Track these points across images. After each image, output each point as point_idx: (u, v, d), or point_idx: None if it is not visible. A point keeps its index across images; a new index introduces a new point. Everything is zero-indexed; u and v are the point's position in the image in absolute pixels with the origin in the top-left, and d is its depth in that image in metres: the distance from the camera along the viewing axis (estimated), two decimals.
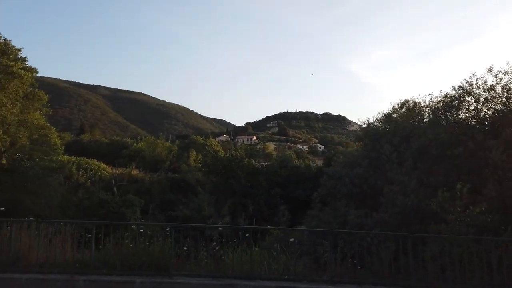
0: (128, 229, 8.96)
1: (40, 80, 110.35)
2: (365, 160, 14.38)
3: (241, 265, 7.98)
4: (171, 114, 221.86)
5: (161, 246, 8.09)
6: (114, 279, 7.59)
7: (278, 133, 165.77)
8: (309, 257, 9.30)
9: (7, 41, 22.03)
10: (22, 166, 20.71)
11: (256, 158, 35.63)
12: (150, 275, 7.76)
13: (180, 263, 8.20)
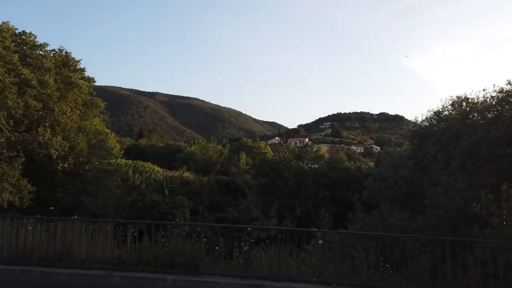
0: (168, 229, 9.28)
1: (104, 89, 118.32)
2: (410, 161, 13.72)
3: (269, 266, 7.98)
4: (224, 118, 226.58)
5: (192, 246, 8.31)
6: (147, 276, 7.94)
7: (331, 135, 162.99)
8: (348, 261, 9.05)
9: (67, 54, 23.89)
10: (81, 169, 22.23)
11: (304, 160, 35.28)
12: (181, 273, 8.01)
13: (211, 262, 8.37)
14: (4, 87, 16.59)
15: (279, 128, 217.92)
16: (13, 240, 8.49)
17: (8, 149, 17.66)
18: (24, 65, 19.52)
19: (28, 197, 18.33)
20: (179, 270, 8.05)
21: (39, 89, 18.76)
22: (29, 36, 21.24)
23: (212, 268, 8.25)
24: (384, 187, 14.48)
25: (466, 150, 11.38)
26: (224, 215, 30.20)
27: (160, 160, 55.29)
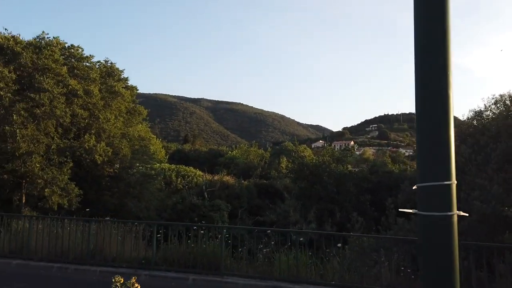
0: (193, 230, 9.55)
1: (153, 97, 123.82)
2: None
3: (288, 268, 8.05)
4: (268, 122, 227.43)
5: (214, 247, 8.55)
6: (170, 275, 8.29)
7: (378, 137, 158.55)
8: (370, 265, 8.90)
9: (112, 65, 25.30)
10: (125, 173, 23.40)
11: (344, 164, 34.67)
12: (203, 273, 8.28)
13: (232, 263, 8.57)
14: (53, 98, 17.91)
15: (323, 131, 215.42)
16: (52, 240, 9.19)
17: (57, 155, 19.01)
18: (72, 76, 20.96)
19: (76, 200, 19.56)
20: (201, 270, 8.32)
21: (85, 99, 20.03)
22: (77, 49, 22.73)
23: (233, 269, 8.44)
24: None
25: (505, 151, 10.75)
26: (263, 219, 30.42)
27: (203, 164, 56.67)
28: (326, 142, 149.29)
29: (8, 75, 17.66)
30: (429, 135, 1.71)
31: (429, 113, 1.72)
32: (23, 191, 19.00)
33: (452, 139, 1.62)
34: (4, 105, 16.85)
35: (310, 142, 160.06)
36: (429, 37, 1.66)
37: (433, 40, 1.66)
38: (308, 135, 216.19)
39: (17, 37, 20.08)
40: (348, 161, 34.35)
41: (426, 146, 1.70)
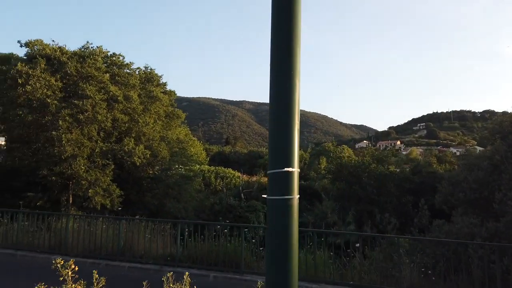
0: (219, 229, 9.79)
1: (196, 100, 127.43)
2: (485, 162, 12.46)
3: (306, 268, 8.06)
4: (310, 123, 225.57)
5: (235, 246, 8.73)
6: (193, 272, 8.55)
7: (426, 136, 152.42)
8: (391, 266, 8.70)
9: (152, 71, 26.35)
10: (164, 175, 24.26)
11: (385, 164, 33.70)
12: (223, 270, 8.49)
13: (253, 262, 8.71)
14: (95, 104, 19.00)
15: (367, 131, 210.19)
16: (87, 237, 9.80)
17: (100, 157, 20.11)
18: (113, 83, 22.10)
19: (118, 200, 20.56)
20: (222, 267, 8.53)
21: (125, 104, 21.03)
22: (118, 57, 23.91)
23: (253, 267, 8.57)
24: (457, 191, 13.36)
25: None
26: (300, 220, 30.27)
27: (243, 166, 57.42)
28: (371, 142, 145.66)
29: (55, 83, 18.99)
30: (276, 128, 1.82)
31: (278, 109, 1.82)
32: (70, 192, 20.29)
33: (297, 133, 1.80)
34: (51, 111, 18.11)
35: (354, 142, 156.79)
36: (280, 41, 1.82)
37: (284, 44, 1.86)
38: (352, 135, 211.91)
39: (63, 47, 21.50)
40: (389, 161, 33.33)
41: (274, 138, 1.81)
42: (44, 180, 19.30)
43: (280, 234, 1.73)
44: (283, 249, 1.74)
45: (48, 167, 19.08)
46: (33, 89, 17.75)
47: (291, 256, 1.76)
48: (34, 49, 21.02)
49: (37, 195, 19.69)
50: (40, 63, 18.96)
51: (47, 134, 18.22)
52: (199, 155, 52.41)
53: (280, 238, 1.73)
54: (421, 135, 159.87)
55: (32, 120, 18.12)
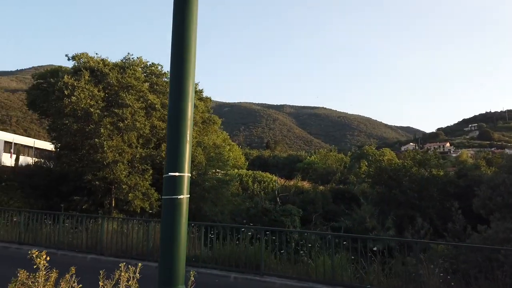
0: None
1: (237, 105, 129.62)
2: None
3: (324, 271, 8.11)
4: (353, 126, 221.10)
5: (256, 248, 8.95)
6: (215, 272, 8.90)
7: (478, 138, 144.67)
8: (409, 270, 8.53)
9: None
10: (200, 179, 24.96)
11: (428, 167, 32.48)
12: (244, 272, 8.74)
13: (272, 264, 8.88)
14: (134, 112, 20.02)
15: (414, 133, 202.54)
16: (119, 238, 10.43)
17: (140, 163, 21.11)
18: (152, 91, 23.16)
19: (157, 203, 21.45)
20: (242, 269, 8.78)
21: (162, 111, 21.95)
22: (156, 66, 25.01)
23: (272, 269, 8.75)
24: (495, 195, 12.75)
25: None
26: (338, 225, 29.88)
27: (282, 170, 57.40)
28: (418, 144, 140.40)
29: (97, 93, 20.24)
30: (171, 139, 2.02)
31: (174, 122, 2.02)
32: (112, 195, 21.45)
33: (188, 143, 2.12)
34: (94, 120, 19.32)
35: (399, 145, 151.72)
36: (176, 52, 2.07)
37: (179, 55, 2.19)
38: (398, 137, 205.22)
39: (105, 59, 22.86)
40: (431, 164, 32.04)
41: (169, 146, 2.03)
42: (89, 185, 20.56)
43: (172, 227, 1.99)
44: (174, 239, 2.00)
45: (92, 173, 20.31)
46: (78, 99, 19.03)
47: (180, 245, 2.09)
48: (80, 62, 22.55)
49: (82, 199, 21.01)
50: (84, 75, 20.30)
51: (90, 141, 19.45)
52: (238, 159, 53.25)
53: (171, 230, 1.99)
54: (472, 137, 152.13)
55: (77, 129, 19.42)
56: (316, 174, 50.64)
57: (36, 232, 11.36)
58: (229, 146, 51.85)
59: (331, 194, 34.83)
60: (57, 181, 22.81)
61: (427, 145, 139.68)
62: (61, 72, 21.23)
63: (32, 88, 23.99)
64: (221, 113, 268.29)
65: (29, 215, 11.90)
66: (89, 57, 22.92)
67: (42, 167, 24.14)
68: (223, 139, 48.46)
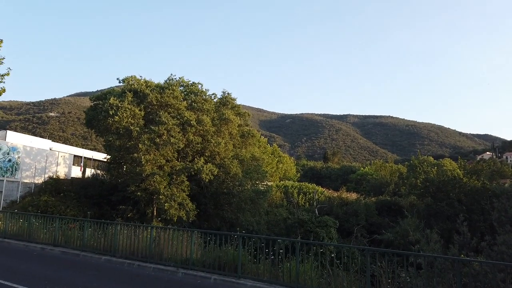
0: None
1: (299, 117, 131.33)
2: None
3: (297, 275, 8.68)
4: (422, 134, 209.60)
5: (234, 253, 9.77)
6: (199, 274, 9.87)
7: None
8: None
9: (227, 95, 28.84)
10: (236, 191, 26.09)
11: (481, 177, 30.52)
12: (223, 274, 9.60)
13: (251, 268, 9.61)
14: (169, 128, 21.85)
15: (493, 141, 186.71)
16: (129, 241, 11.83)
17: (177, 175, 22.84)
18: (190, 109, 24.97)
19: (193, 213, 22.92)
20: (223, 271, 9.64)
21: (197, 127, 23.58)
22: (196, 86, 26.89)
23: (251, 272, 9.48)
24: (508, 207, 12.20)
25: None
26: (381, 237, 29.17)
27: (335, 181, 56.84)
28: (495, 153, 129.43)
29: (138, 113, 22.45)
30: None
31: None
32: (154, 205, 23.39)
33: None
34: (134, 136, 21.45)
35: (474, 154, 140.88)
36: None
37: None
38: (474, 146, 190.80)
39: (148, 81, 25.18)
40: (485, 175, 30.00)
41: None
42: (132, 195, 22.70)
43: None
44: None
45: (135, 184, 22.43)
46: (120, 118, 21.31)
47: None
48: (129, 84, 25.11)
49: (127, 208, 23.20)
50: (127, 96, 22.65)
51: (132, 156, 21.58)
52: (288, 170, 53.83)
53: None
54: None
55: (119, 145, 21.69)
56: (369, 186, 49.50)
57: (67, 236, 13.24)
58: (279, 157, 52.87)
59: (377, 206, 34.04)
60: (109, 191, 25.41)
61: (507, 154, 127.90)
62: (109, 94, 23.85)
63: (90, 109, 27.06)
64: (283, 125, 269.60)
65: (65, 221, 13.89)
66: (136, 79, 25.43)
67: (96, 179, 26.99)
68: (271, 151, 49.60)
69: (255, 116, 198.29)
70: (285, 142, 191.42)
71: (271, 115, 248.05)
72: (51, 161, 32.16)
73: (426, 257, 10.03)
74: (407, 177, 49.86)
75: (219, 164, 24.61)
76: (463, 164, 32.92)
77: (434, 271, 9.50)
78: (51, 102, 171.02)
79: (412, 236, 27.43)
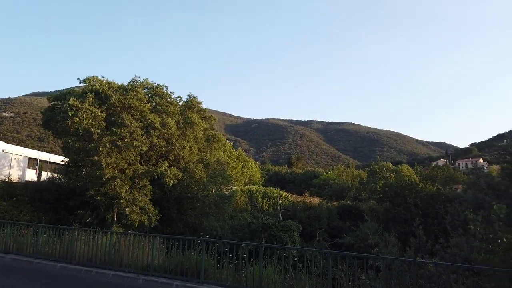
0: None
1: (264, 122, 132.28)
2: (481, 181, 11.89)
3: (260, 279, 8.68)
4: (382, 141, 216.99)
5: (197, 258, 9.65)
6: (160, 280, 9.65)
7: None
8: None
9: (193, 98, 28.53)
10: (200, 195, 25.82)
11: (436, 183, 31.97)
12: (185, 280, 9.45)
13: (214, 273, 9.53)
14: (132, 131, 21.33)
15: (446, 149, 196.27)
16: (87, 248, 11.41)
17: (139, 179, 22.30)
18: (155, 111, 24.48)
19: (155, 218, 22.43)
20: (185, 277, 9.49)
21: (161, 130, 23.17)
22: (161, 88, 26.42)
23: (214, 277, 9.40)
24: (461, 211, 12.85)
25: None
26: (342, 241, 29.84)
27: (298, 186, 57.65)
28: (449, 160, 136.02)
29: (100, 114, 21.76)
30: None
31: None
32: (114, 210, 22.68)
33: None
34: (94, 139, 20.76)
35: (429, 160, 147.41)
36: None
37: None
38: (430, 153, 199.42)
39: (111, 82, 24.48)
40: (439, 180, 31.50)
41: None
42: (92, 200, 21.91)
43: None
44: None
45: (95, 188, 21.67)
46: (80, 120, 20.57)
47: None
48: (90, 84, 24.26)
49: (86, 213, 22.37)
50: (88, 97, 21.91)
51: (92, 159, 20.86)
52: (253, 175, 53.96)
53: None
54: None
55: (79, 147, 20.92)
56: (331, 191, 50.53)
57: (20, 242, 12.57)
58: (244, 162, 52.91)
59: (338, 210, 34.81)
60: (66, 195, 24.38)
61: (459, 161, 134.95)
62: (69, 95, 22.98)
63: (47, 110, 25.89)
64: (249, 130, 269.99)
65: (17, 227, 13.16)
66: (98, 80, 24.62)
67: (53, 183, 25.84)
68: (236, 156, 49.57)
69: (221, 120, 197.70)
70: (250, 147, 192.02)
71: (237, 120, 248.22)
72: (4, 163, 30.51)
73: (384, 260, 10.32)
74: (367, 182, 51.39)
75: (183, 168, 24.28)
76: (419, 170, 34.44)
77: (392, 273, 9.85)
78: (5, 101, 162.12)
79: (371, 239, 28.23)
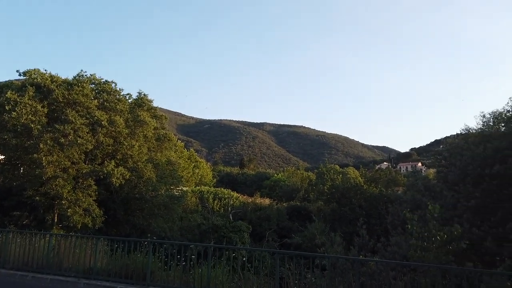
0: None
1: (217, 123, 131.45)
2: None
3: (208, 280, 8.60)
4: (330, 144, 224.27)
5: (143, 260, 9.40)
6: (103, 284, 9.27)
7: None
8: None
9: (143, 96, 27.73)
10: (149, 195, 25.15)
11: (379, 185, 33.60)
12: (130, 283, 9.15)
13: (162, 275, 9.32)
14: (77, 128, 20.32)
15: (389, 153, 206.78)
16: (22, 251, 10.70)
17: (83, 178, 21.29)
18: (102, 108, 23.49)
19: (100, 219, 21.49)
20: (129, 280, 9.19)
21: (108, 128, 22.28)
22: (109, 84, 25.41)
23: (161, 279, 9.19)
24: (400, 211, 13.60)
25: (460, 170, 10.29)
26: (291, 241, 30.45)
27: (250, 187, 57.96)
28: (391, 164, 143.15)
29: (41, 109, 20.52)
30: None
31: None
32: (55, 211, 21.46)
33: None
34: (34, 135, 19.54)
35: (374, 164, 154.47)
36: None
37: None
38: (374, 156, 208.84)
39: (54, 76, 23.19)
40: (382, 182, 33.20)
41: None
42: (30, 200, 20.57)
43: None
44: None
45: (34, 188, 20.38)
46: (18, 115, 19.27)
47: None
48: (31, 77, 22.80)
49: (23, 214, 20.97)
50: (28, 90, 20.58)
51: (31, 156, 19.60)
52: (205, 176, 53.49)
53: None
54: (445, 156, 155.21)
55: (16, 144, 19.58)
56: (281, 192, 51.37)
57: None
58: (196, 163, 52.33)
59: (288, 211, 35.51)
60: (1, 195, 22.69)
61: (400, 165, 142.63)
62: (6, 88, 21.46)
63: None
64: (201, 130, 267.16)
65: None
66: (40, 73, 23.21)
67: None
68: (188, 156, 48.91)
69: (172, 120, 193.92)
70: (202, 148, 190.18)
71: (189, 120, 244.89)
72: None
73: (329, 259, 10.67)
74: (316, 183, 52.88)
75: (131, 168, 23.51)
76: (364, 173, 36.03)
77: (337, 272, 10.22)
78: None
79: (318, 239, 28.93)
